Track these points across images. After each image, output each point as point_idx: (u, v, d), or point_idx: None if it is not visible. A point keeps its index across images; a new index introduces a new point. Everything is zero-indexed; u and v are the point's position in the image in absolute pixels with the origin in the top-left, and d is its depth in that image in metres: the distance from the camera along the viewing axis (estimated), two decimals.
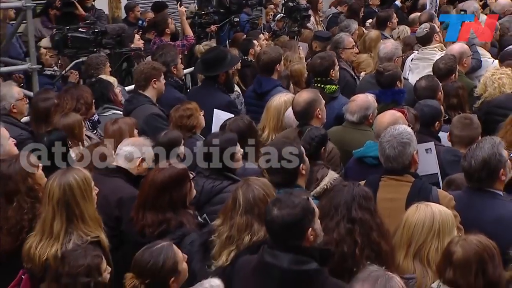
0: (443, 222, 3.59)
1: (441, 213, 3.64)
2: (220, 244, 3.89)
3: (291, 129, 5.56)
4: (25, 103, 6.34)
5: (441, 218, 3.60)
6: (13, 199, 4.34)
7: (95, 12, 11.22)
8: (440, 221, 3.59)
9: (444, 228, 3.58)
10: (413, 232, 3.62)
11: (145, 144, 4.96)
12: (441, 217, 3.61)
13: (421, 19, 9.92)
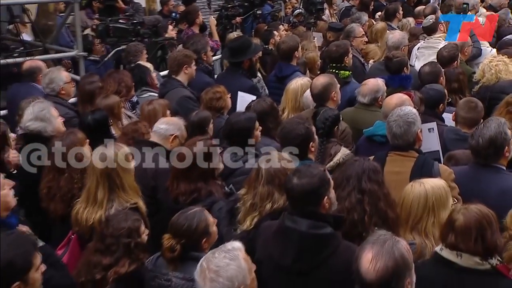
0: (436, 198, 3.54)
1: (434, 189, 3.58)
2: (244, 211, 3.90)
3: (309, 109, 5.54)
4: (72, 86, 6.38)
5: (434, 195, 3.56)
6: (65, 171, 4.39)
7: (133, 5, 11.27)
8: (434, 197, 3.54)
9: (438, 203, 3.54)
10: (410, 210, 3.59)
11: (178, 123, 4.97)
12: (434, 193, 3.56)
13: (425, 11, 9.86)
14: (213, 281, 2.82)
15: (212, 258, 2.90)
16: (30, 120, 4.91)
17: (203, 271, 2.86)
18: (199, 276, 2.87)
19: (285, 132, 4.44)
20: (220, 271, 2.83)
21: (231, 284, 2.82)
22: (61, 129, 4.96)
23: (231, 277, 2.83)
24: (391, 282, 2.70)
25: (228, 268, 2.84)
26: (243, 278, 2.87)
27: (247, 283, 2.88)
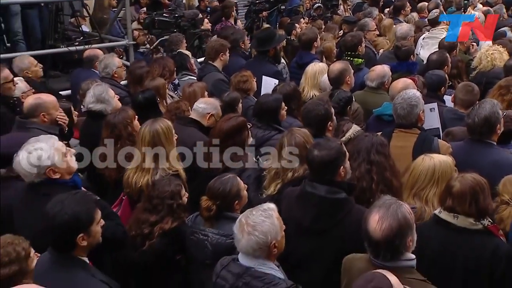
0: (442, 172, 3.50)
1: (441, 164, 3.54)
2: (269, 179, 3.92)
3: (326, 92, 5.51)
4: (123, 70, 6.39)
5: (441, 169, 3.51)
6: (118, 142, 4.42)
7: (175, 1, 11.24)
8: (440, 171, 3.50)
9: (443, 177, 3.49)
10: (418, 179, 3.56)
11: (215, 103, 4.96)
12: (441, 168, 3.52)
13: (429, 7, 9.75)
14: (250, 234, 2.85)
15: (250, 215, 2.93)
16: (92, 102, 4.94)
17: (241, 225, 2.89)
18: (238, 229, 2.90)
19: (306, 111, 4.43)
20: (257, 226, 2.85)
21: (265, 238, 2.85)
22: (118, 106, 4.98)
23: (265, 232, 2.85)
24: (395, 240, 2.71)
25: (264, 224, 2.86)
26: (275, 234, 2.89)
27: (278, 239, 2.91)
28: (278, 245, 2.91)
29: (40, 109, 4.60)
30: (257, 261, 2.89)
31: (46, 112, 4.62)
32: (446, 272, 3.06)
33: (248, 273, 2.87)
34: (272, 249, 2.89)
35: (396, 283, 2.44)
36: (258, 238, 2.84)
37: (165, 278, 3.65)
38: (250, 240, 2.85)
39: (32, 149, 3.52)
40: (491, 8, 9.43)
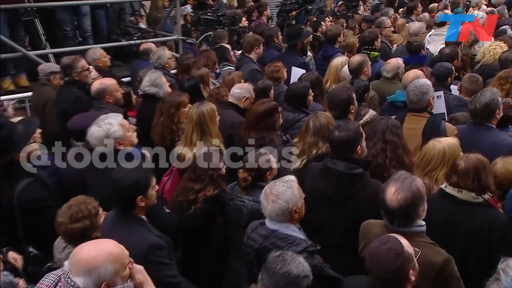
0: (452, 154, 3.39)
1: (450, 147, 3.43)
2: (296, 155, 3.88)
3: (346, 81, 5.40)
4: (173, 61, 6.40)
5: (450, 152, 3.40)
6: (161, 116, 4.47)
7: (218, 2, 11.17)
8: (449, 154, 3.39)
9: (451, 158, 3.38)
10: (430, 161, 3.45)
11: (248, 88, 4.93)
12: (450, 150, 3.41)
13: (438, 7, 9.47)
14: (274, 202, 2.85)
15: (273, 185, 2.92)
16: (147, 86, 4.98)
17: (267, 195, 2.89)
18: (264, 198, 2.90)
19: (331, 96, 4.35)
20: (280, 195, 2.85)
21: (287, 205, 2.84)
22: (169, 91, 5.00)
23: (287, 200, 2.85)
24: (408, 209, 2.68)
25: (285, 193, 2.85)
26: (296, 201, 2.88)
27: (299, 205, 2.90)
28: (298, 211, 2.91)
29: (105, 92, 4.66)
30: (281, 224, 2.89)
31: (110, 94, 4.69)
32: (450, 237, 3.01)
33: (273, 235, 2.87)
34: (293, 214, 2.89)
35: (407, 245, 2.41)
36: (281, 205, 2.84)
37: (207, 236, 3.67)
38: (274, 207, 2.85)
39: (102, 124, 3.58)
40: (494, 9, 9.06)
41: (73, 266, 2.22)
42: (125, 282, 2.29)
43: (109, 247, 2.28)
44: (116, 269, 2.24)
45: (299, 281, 2.36)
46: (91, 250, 2.26)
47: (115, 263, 2.24)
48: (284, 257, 2.40)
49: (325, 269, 2.77)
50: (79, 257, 2.24)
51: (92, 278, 2.19)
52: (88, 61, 5.64)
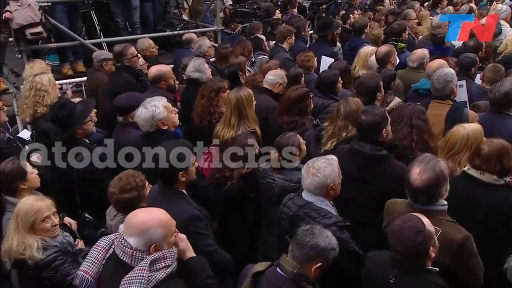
0: (475, 139, 3.25)
1: (474, 132, 3.29)
2: (326, 137, 3.83)
3: (373, 70, 5.27)
4: (212, 50, 6.36)
5: (474, 137, 3.27)
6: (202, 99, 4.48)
7: None
8: (473, 139, 3.26)
9: (475, 142, 3.24)
10: (454, 145, 3.32)
11: (281, 74, 4.87)
12: (474, 135, 3.27)
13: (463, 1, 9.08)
14: (314, 175, 2.84)
15: (316, 160, 2.91)
16: (192, 71, 4.98)
17: (308, 168, 2.89)
18: (305, 171, 2.90)
19: (360, 83, 4.27)
20: (320, 170, 2.84)
21: (325, 179, 2.84)
22: (210, 77, 5.00)
23: (326, 175, 2.84)
24: (432, 189, 2.61)
25: (326, 169, 2.85)
26: (334, 178, 2.87)
27: (336, 183, 2.89)
28: (335, 188, 2.89)
29: (161, 78, 4.71)
30: (317, 197, 2.88)
31: (165, 80, 4.74)
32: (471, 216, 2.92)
33: (308, 205, 2.87)
34: (329, 190, 2.87)
35: (428, 224, 2.35)
36: (320, 179, 2.83)
37: (241, 210, 3.67)
38: (313, 180, 2.84)
39: (148, 106, 3.62)
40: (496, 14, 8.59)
41: (128, 228, 2.29)
42: (170, 248, 2.33)
43: (160, 214, 2.35)
44: (164, 234, 2.30)
45: (326, 253, 2.36)
46: (144, 215, 2.33)
47: (164, 228, 2.30)
48: (313, 231, 2.39)
49: (351, 245, 2.76)
50: (133, 220, 2.31)
51: (143, 239, 2.26)
52: (138, 50, 5.69)
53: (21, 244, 2.69)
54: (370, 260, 2.57)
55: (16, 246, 2.69)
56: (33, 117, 4.42)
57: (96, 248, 2.55)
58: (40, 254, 2.70)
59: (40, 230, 2.80)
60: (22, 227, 2.74)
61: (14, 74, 6.61)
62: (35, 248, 2.68)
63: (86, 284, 2.46)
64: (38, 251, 2.69)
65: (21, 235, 2.71)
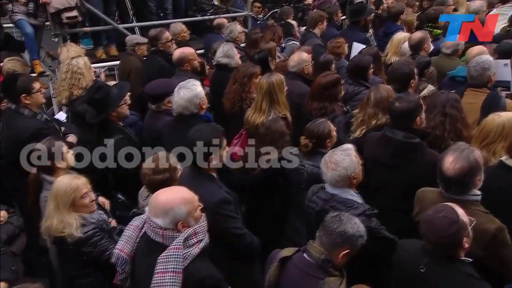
0: (510, 128, 3.15)
1: (510, 121, 3.17)
2: (356, 124, 3.77)
3: (406, 56, 5.13)
4: (243, 35, 6.35)
5: (510, 125, 3.15)
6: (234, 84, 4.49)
7: None
8: (509, 128, 3.15)
9: (510, 133, 3.14)
10: (489, 134, 3.22)
11: (301, 57, 4.82)
12: (510, 124, 3.16)
13: None
14: (333, 170, 2.81)
15: (332, 154, 2.87)
16: (221, 57, 4.99)
17: (326, 163, 2.85)
18: (324, 166, 2.86)
19: (393, 69, 4.17)
20: (339, 163, 2.80)
21: (345, 171, 2.80)
22: (240, 63, 4.99)
23: (346, 167, 2.80)
24: (465, 178, 2.55)
25: (344, 161, 2.80)
26: (354, 168, 2.83)
27: (357, 172, 2.85)
28: (356, 176, 2.85)
29: (184, 60, 4.74)
30: (340, 189, 2.85)
31: (188, 62, 4.76)
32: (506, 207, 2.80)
33: (333, 198, 2.84)
34: (352, 180, 2.84)
35: (462, 214, 2.30)
36: (340, 172, 2.79)
37: (269, 195, 3.66)
38: (334, 174, 2.80)
39: (189, 86, 3.67)
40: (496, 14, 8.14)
41: (152, 210, 2.35)
42: (198, 222, 2.37)
43: (182, 192, 2.40)
44: (188, 210, 2.34)
45: (354, 240, 2.35)
46: (166, 195, 2.38)
47: (188, 205, 2.35)
48: (341, 218, 2.38)
49: (381, 231, 2.73)
50: (156, 201, 2.36)
51: (169, 218, 2.31)
52: (170, 34, 5.73)
53: (60, 223, 2.76)
54: (400, 249, 2.54)
55: (56, 225, 2.76)
56: (69, 99, 4.53)
57: (130, 227, 2.62)
58: (79, 233, 2.77)
59: (79, 206, 2.87)
60: (62, 206, 2.80)
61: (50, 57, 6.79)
62: (74, 227, 2.76)
63: (122, 261, 2.54)
64: (76, 229, 2.76)
65: (60, 214, 2.78)
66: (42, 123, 3.89)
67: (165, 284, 2.20)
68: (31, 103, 3.89)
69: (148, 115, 4.25)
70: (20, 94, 3.84)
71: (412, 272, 2.34)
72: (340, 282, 2.22)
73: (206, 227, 2.41)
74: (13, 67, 4.73)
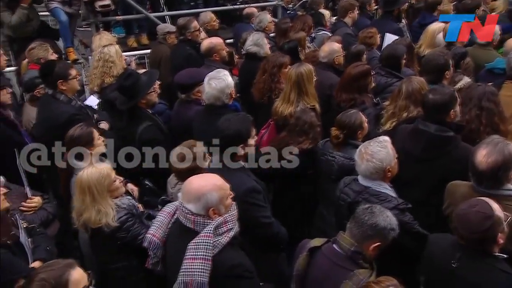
0: None
1: None
2: (386, 117, 3.71)
3: (441, 47, 4.99)
4: (272, 25, 6.30)
5: None
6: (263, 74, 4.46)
7: None
8: None
9: None
10: None
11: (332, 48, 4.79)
12: None
13: None
14: (368, 161, 2.77)
15: (368, 145, 2.83)
16: (250, 45, 4.99)
17: (361, 154, 2.81)
18: (359, 157, 2.83)
19: (427, 60, 4.07)
20: (374, 155, 2.77)
21: (381, 164, 2.76)
22: (269, 53, 4.96)
23: (381, 159, 2.76)
24: (498, 172, 2.49)
25: (380, 153, 2.77)
26: (389, 161, 2.79)
27: (392, 164, 2.81)
28: (391, 169, 2.80)
29: (212, 50, 4.75)
30: (374, 182, 2.81)
31: (217, 52, 4.77)
32: None
33: (366, 191, 2.80)
34: (386, 173, 2.79)
35: (497, 209, 2.25)
36: (375, 164, 2.75)
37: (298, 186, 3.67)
38: (369, 166, 2.77)
39: (220, 76, 3.69)
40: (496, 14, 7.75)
41: (185, 195, 2.38)
42: (228, 210, 2.39)
43: (213, 179, 2.42)
44: (220, 197, 2.37)
45: (386, 233, 2.32)
46: (198, 181, 2.41)
47: (219, 191, 2.37)
48: (372, 210, 2.36)
49: (414, 226, 2.70)
50: (189, 187, 2.39)
51: (201, 204, 2.34)
52: (199, 23, 5.75)
53: (97, 214, 2.79)
54: (431, 243, 2.50)
55: (94, 217, 2.79)
56: (101, 87, 4.62)
57: (162, 213, 2.67)
58: (115, 222, 2.81)
59: (113, 190, 2.90)
60: (99, 196, 2.81)
61: (83, 45, 6.93)
62: (111, 216, 2.79)
63: (154, 246, 2.59)
64: (113, 219, 2.80)
65: (98, 204, 2.80)
66: (76, 109, 3.99)
67: (195, 270, 2.23)
68: (67, 89, 3.99)
69: (177, 104, 4.30)
70: (57, 79, 3.94)
71: (443, 267, 2.31)
72: (370, 274, 2.21)
73: (236, 216, 2.43)
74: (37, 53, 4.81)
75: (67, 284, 1.94)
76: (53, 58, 4.82)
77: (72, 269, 1.98)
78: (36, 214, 3.01)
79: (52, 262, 2.11)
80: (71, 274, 1.96)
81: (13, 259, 2.41)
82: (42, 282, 1.91)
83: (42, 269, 2.01)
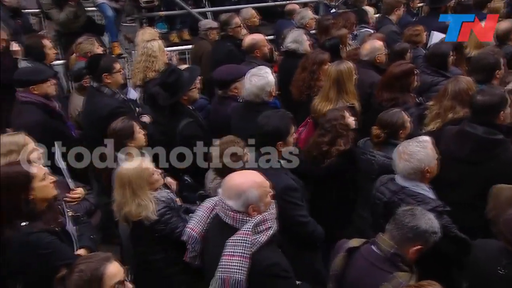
0: None
1: None
2: (430, 117, 3.63)
3: (492, 45, 4.77)
4: (314, 22, 6.23)
5: None
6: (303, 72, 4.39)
7: None
8: None
9: None
10: None
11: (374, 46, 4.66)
12: None
13: None
14: (407, 161, 2.72)
15: (407, 145, 2.77)
16: (290, 42, 4.97)
17: (399, 154, 2.76)
18: (397, 157, 2.78)
19: (477, 59, 3.95)
20: (413, 155, 2.71)
21: (419, 164, 2.70)
22: (308, 50, 4.93)
23: (420, 160, 2.70)
24: None
25: (419, 153, 2.71)
26: (429, 161, 2.72)
27: (431, 165, 2.74)
28: (430, 170, 2.74)
29: (254, 46, 4.77)
30: (412, 182, 2.75)
31: (259, 49, 4.79)
32: None
33: (403, 191, 2.75)
34: (425, 174, 2.73)
35: None
36: (414, 165, 2.70)
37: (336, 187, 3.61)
38: (406, 166, 2.71)
39: (261, 74, 3.71)
40: None
41: (226, 192, 2.41)
42: (267, 208, 2.40)
43: (254, 176, 2.44)
44: (260, 194, 2.38)
45: (427, 236, 2.27)
46: (239, 177, 2.43)
47: (259, 189, 2.38)
48: (414, 212, 2.32)
49: (452, 230, 2.63)
50: (230, 184, 2.42)
51: (241, 201, 2.36)
52: (240, 19, 5.78)
53: (138, 207, 2.85)
54: (476, 249, 2.43)
55: (134, 210, 2.85)
56: (143, 81, 4.73)
57: (201, 208, 2.72)
58: (155, 216, 2.86)
59: (152, 183, 2.95)
60: (139, 190, 2.86)
61: (127, 40, 7.13)
62: (151, 210, 2.85)
63: (192, 240, 2.64)
64: (153, 212, 2.86)
65: (138, 198, 2.85)
66: (119, 102, 4.11)
67: (232, 267, 2.26)
68: (111, 82, 4.13)
69: (214, 101, 4.34)
70: (103, 73, 4.08)
71: (489, 273, 2.23)
72: (409, 277, 2.17)
73: (275, 214, 2.44)
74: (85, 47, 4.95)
75: (102, 277, 2.00)
76: (99, 52, 4.97)
77: (109, 263, 2.04)
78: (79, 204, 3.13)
79: (92, 254, 2.19)
80: (107, 267, 2.02)
81: (61, 245, 2.51)
82: (80, 273, 1.99)
83: (82, 260, 2.09)
